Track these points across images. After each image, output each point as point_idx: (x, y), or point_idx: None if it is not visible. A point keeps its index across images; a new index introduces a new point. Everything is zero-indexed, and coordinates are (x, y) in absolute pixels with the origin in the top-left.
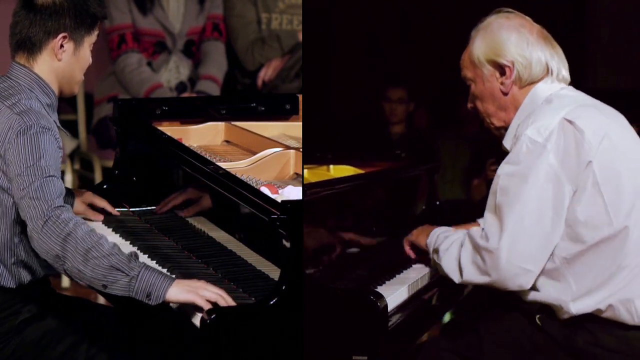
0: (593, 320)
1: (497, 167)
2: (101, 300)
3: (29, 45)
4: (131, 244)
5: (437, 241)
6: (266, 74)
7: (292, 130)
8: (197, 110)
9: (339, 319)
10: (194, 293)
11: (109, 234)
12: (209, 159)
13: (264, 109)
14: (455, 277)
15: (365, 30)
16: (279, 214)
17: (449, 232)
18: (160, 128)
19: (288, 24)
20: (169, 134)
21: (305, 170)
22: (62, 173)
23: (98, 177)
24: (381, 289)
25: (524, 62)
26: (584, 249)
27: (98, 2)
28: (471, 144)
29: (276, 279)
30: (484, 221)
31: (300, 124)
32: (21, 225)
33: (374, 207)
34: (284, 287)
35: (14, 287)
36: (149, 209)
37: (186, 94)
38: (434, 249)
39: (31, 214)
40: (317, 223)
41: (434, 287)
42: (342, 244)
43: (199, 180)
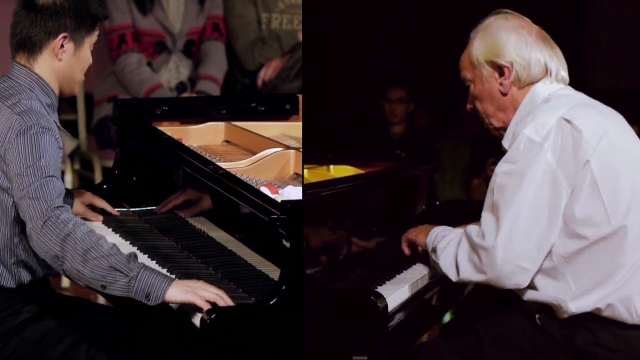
0: (592, 319)
1: None
2: (101, 300)
3: (29, 45)
4: (131, 244)
5: (436, 240)
6: (266, 74)
7: (292, 130)
8: (197, 110)
9: (339, 319)
10: (192, 293)
11: (108, 234)
12: (209, 159)
13: (264, 109)
14: (452, 275)
15: (365, 30)
16: (279, 214)
17: (448, 231)
18: (160, 128)
19: (288, 23)
20: (169, 134)
21: (305, 170)
22: (62, 173)
23: (98, 177)
24: (381, 289)
25: (522, 63)
26: (582, 247)
27: (99, 2)
28: (471, 144)
29: (276, 279)
30: (481, 219)
31: (300, 124)
32: (21, 225)
33: (374, 207)
34: (284, 287)
35: (14, 287)
36: (149, 209)
37: (186, 94)
38: (432, 247)
39: (30, 214)
40: (317, 223)
41: (434, 287)
42: (342, 244)
43: (199, 180)
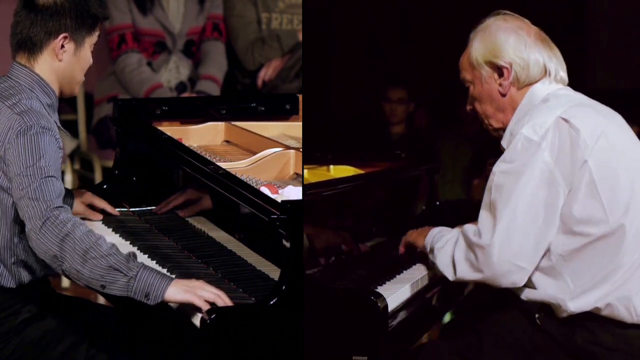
0: (592, 318)
1: None
2: (101, 300)
3: (29, 46)
4: (131, 244)
5: (434, 240)
6: (266, 74)
7: (292, 130)
8: (197, 110)
9: (339, 319)
10: (191, 293)
11: (108, 234)
12: (209, 159)
13: (264, 109)
14: (449, 274)
15: (365, 30)
16: (279, 214)
17: (445, 231)
18: (160, 128)
19: (288, 23)
20: (169, 134)
21: (305, 171)
22: (62, 173)
23: (98, 177)
24: (381, 289)
25: (521, 64)
26: (581, 246)
27: (99, 2)
28: (471, 144)
29: (276, 279)
30: (479, 218)
31: (300, 124)
32: (21, 225)
33: (374, 207)
34: (284, 287)
35: (14, 287)
36: (149, 209)
37: (186, 94)
38: (430, 247)
39: (30, 214)
40: (317, 223)
41: (434, 288)
42: (342, 244)
43: (199, 180)
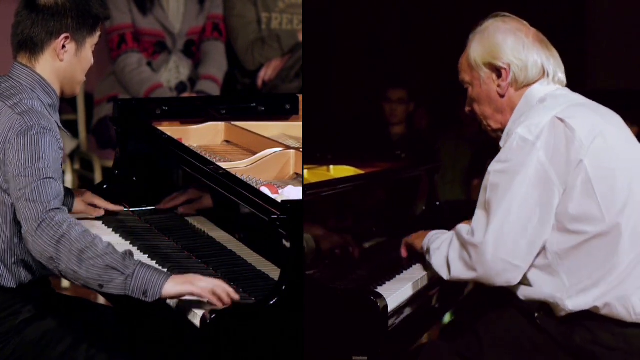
0: (591, 317)
1: None
2: (101, 300)
3: (30, 46)
4: (131, 244)
5: (430, 241)
6: (266, 74)
7: (292, 130)
8: (197, 110)
9: (339, 319)
10: (189, 284)
11: (108, 234)
12: (209, 159)
13: (264, 109)
14: (444, 274)
15: (365, 30)
16: (279, 214)
17: (442, 233)
18: (160, 128)
19: (288, 23)
20: (169, 134)
21: (305, 171)
22: (62, 173)
23: (98, 177)
24: (381, 289)
25: (520, 65)
26: (576, 244)
27: (100, 2)
28: (471, 145)
29: (276, 279)
30: (473, 217)
31: (300, 124)
32: (20, 224)
33: (374, 207)
34: (284, 287)
35: (15, 287)
36: (149, 209)
37: (186, 94)
38: (426, 248)
39: (26, 216)
40: (317, 223)
41: (434, 288)
42: (342, 244)
43: (199, 180)
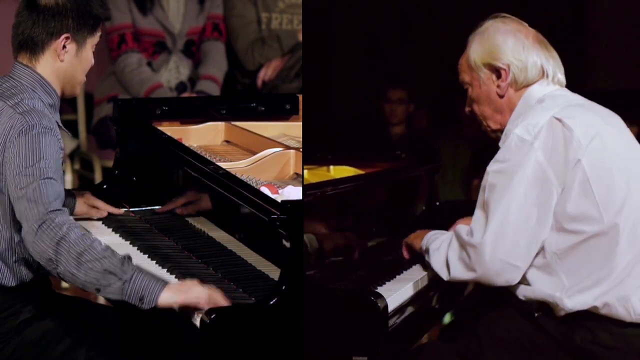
0: (590, 317)
1: None
2: (101, 301)
3: (31, 46)
4: (131, 244)
5: (429, 241)
6: (266, 74)
7: (292, 130)
8: (197, 110)
9: (339, 319)
10: (185, 294)
11: (108, 234)
12: (209, 159)
13: (264, 109)
14: (443, 275)
15: (365, 30)
16: (279, 214)
17: (441, 234)
18: (160, 128)
19: (288, 23)
20: (169, 134)
21: (305, 171)
22: (63, 173)
23: (98, 177)
24: (381, 289)
25: (519, 65)
26: (574, 243)
27: (101, 3)
28: (471, 145)
29: (276, 279)
30: (473, 218)
31: (300, 124)
32: (20, 223)
33: (374, 207)
34: (284, 287)
35: (15, 285)
36: (149, 209)
37: (186, 94)
38: (425, 248)
39: (27, 216)
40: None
41: (434, 288)
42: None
43: (199, 180)
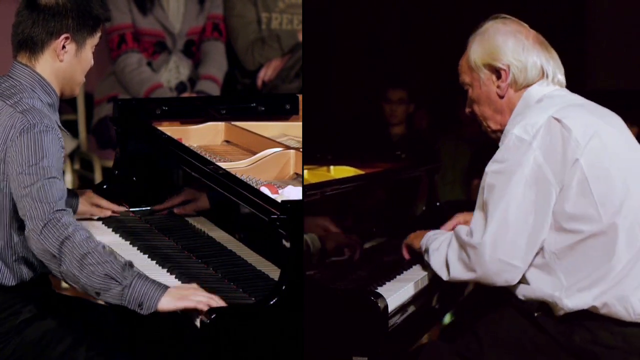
0: (590, 317)
1: None
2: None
3: (30, 45)
4: (131, 244)
5: (428, 242)
6: (266, 74)
7: (292, 130)
8: (197, 110)
9: (339, 319)
10: (185, 299)
11: (108, 234)
12: (209, 159)
13: (264, 109)
14: (443, 275)
15: (365, 30)
16: (279, 214)
17: (440, 234)
18: (160, 128)
19: (288, 23)
20: (169, 134)
21: (305, 171)
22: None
23: (98, 177)
24: (381, 289)
25: (519, 66)
26: (573, 243)
27: (101, 3)
28: (471, 145)
29: (276, 279)
30: (472, 218)
31: (300, 124)
32: (20, 223)
33: (374, 207)
34: (284, 287)
35: (15, 284)
36: (149, 209)
37: (186, 94)
38: (425, 248)
39: (32, 215)
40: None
41: (434, 288)
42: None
43: (199, 180)
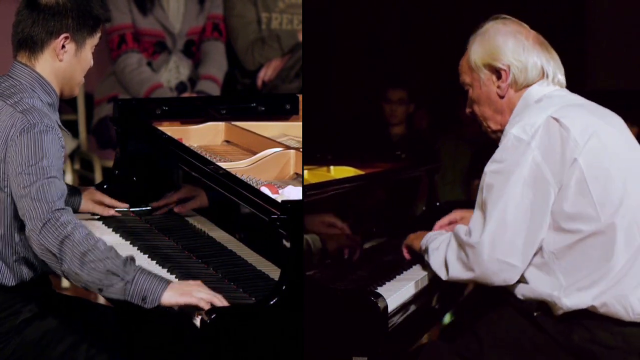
0: (589, 316)
1: None
2: (101, 300)
3: (30, 45)
4: (131, 244)
5: (428, 241)
6: (266, 74)
7: (292, 130)
8: (197, 110)
9: (339, 319)
10: (188, 295)
11: (108, 234)
12: (209, 159)
13: (264, 109)
14: (442, 274)
15: (365, 30)
16: (279, 214)
17: (440, 234)
18: (160, 128)
19: (288, 23)
20: (169, 134)
21: (306, 172)
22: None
23: (98, 177)
24: (381, 289)
25: (519, 66)
26: (572, 243)
27: (101, 4)
28: (471, 145)
29: (276, 279)
30: (471, 218)
31: (300, 124)
32: (21, 222)
33: (374, 208)
34: (284, 287)
35: (15, 284)
36: (148, 209)
37: (186, 94)
38: (424, 248)
39: (31, 215)
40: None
41: (434, 288)
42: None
43: (199, 180)
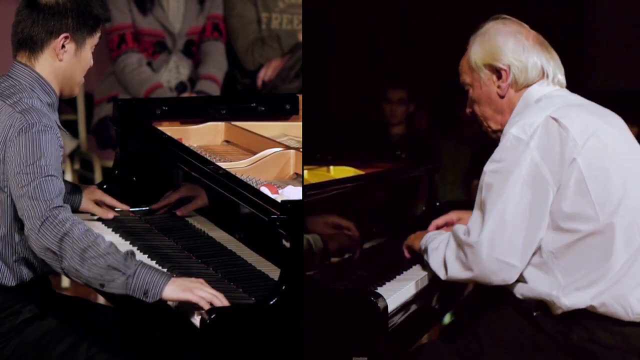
0: (588, 316)
1: None
2: (101, 300)
3: (30, 44)
4: (131, 244)
5: (427, 241)
6: (266, 74)
7: (292, 130)
8: (197, 110)
9: (339, 319)
10: (189, 292)
11: (108, 233)
12: (209, 159)
13: (264, 109)
14: (441, 274)
15: (365, 30)
16: (279, 214)
17: (440, 234)
18: (160, 128)
19: (288, 23)
20: (169, 134)
21: (305, 172)
22: (62, 172)
23: (98, 177)
24: (381, 289)
25: (520, 66)
26: (570, 242)
27: (101, 4)
28: (471, 145)
29: (276, 279)
30: (470, 218)
31: (300, 124)
32: (21, 223)
33: (374, 208)
34: (284, 287)
35: (15, 285)
36: (148, 208)
37: (186, 94)
38: (424, 248)
39: (29, 214)
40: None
41: (434, 288)
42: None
43: (199, 180)
